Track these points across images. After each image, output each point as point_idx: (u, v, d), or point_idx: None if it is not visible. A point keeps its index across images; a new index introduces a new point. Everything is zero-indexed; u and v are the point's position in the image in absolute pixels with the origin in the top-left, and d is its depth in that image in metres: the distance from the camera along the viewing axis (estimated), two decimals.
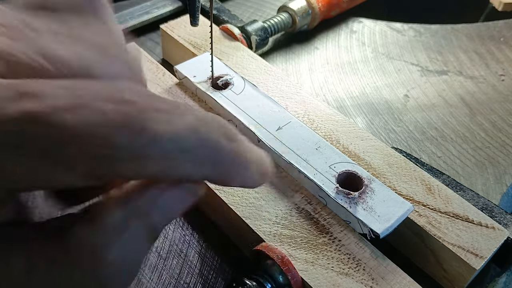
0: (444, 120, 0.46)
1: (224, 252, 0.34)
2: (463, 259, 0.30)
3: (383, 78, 0.50)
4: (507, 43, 0.55)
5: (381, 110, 0.47)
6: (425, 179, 0.34)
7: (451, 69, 0.52)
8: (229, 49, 0.44)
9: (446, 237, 0.31)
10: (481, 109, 0.47)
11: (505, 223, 0.33)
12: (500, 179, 0.41)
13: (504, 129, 0.45)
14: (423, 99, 0.48)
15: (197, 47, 0.44)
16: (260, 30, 0.48)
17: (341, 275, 0.29)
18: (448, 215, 0.32)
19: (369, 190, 0.32)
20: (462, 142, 0.44)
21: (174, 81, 0.41)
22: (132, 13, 0.52)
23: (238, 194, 0.33)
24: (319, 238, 0.31)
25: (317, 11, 0.52)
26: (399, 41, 0.55)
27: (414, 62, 0.52)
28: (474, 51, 0.54)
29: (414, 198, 0.33)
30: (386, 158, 0.36)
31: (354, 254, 0.30)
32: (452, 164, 0.42)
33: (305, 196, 0.33)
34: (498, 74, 0.51)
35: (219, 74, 0.40)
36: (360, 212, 0.31)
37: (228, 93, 0.38)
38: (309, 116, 0.38)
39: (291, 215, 0.32)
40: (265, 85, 0.41)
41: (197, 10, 0.35)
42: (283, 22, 0.51)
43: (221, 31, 0.46)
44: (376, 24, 0.57)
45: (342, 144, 0.36)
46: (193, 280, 0.33)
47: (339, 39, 0.55)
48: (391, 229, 0.30)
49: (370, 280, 0.29)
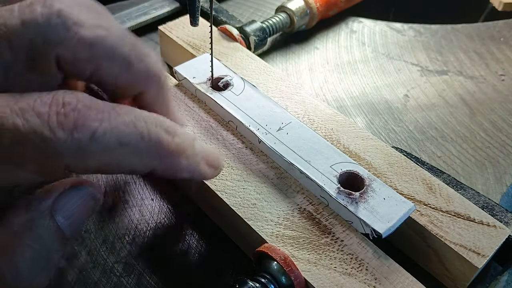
0: (444, 120, 0.46)
1: (226, 254, 0.34)
2: (465, 258, 0.30)
3: (383, 78, 0.50)
4: (507, 43, 0.55)
5: (381, 110, 0.47)
6: (426, 178, 0.34)
7: (451, 69, 0.52)
8: (228, 50, 0.44)
9: (448, 236, 0.31)
10: (481, 109, 0.47)
11: (506, 221, 0.33)
12: (500, 179, 0.41)
13: (504, 129, 0.45)
14: (423, 99, 0.48)
15: (196, 48, 0.44)
16: (259, 30, 0.48)
17: (344, 275, 0.29)
18: (450, 214, 0.32)
19: (370, 190, 0.32)
20: (462, 142, 0.44)
21: (173, 82, 0.41)
22: (130, 14, 0.52)
23: (240, 195, 0.33)
24: (321, 239, 0.30)
25: (315, 11, 0.52)
26: (399, 41, 0.55)
27: (414, 62, 0.52)
28: (474, 51, 0.54)
29: (416, 198, 0.33)
30: (386, 158, 0.35)
31: (357, 254, 0.30)
32: (452, 164, 0.42)
33: (306, 197, 0.33)
34: (498, 74, 0.51)
35: (218, 75, 0.40)
36: (362, 212, 0.31)
37: (228, 94, 0.38)
38: (309, 116, 0.38)
39: (293, 215, 0.32)
40: (264, 86, 0.41)
41: (197, 10, 0.35)
42: (281, 22, 0.51)
43: (219, 32, 0.46)
44: (376, 24, 0.57)
45: (342, 144, 0.36)
46: (194, 281, 0.32)
47: (339, 39, 0.55)
48: (393, 228, 0.30)
49: (373, 280, 0.29)
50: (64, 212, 0.25)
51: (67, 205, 0.25)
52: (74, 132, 0.22)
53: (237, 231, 0.33)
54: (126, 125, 0.24)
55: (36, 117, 0.22)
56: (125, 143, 0.24)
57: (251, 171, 0.34)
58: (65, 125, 0.22)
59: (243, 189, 0.33)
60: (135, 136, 0.24)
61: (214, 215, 0.35)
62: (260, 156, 0.35)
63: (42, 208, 0.24)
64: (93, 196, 0.26)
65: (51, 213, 0.24)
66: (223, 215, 0.33)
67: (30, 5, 0.24)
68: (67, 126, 0.22)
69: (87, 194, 0.26)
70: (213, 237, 0.35)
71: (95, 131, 0.23)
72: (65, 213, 0.25)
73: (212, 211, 0.35)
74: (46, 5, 0.24)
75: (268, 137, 0.35)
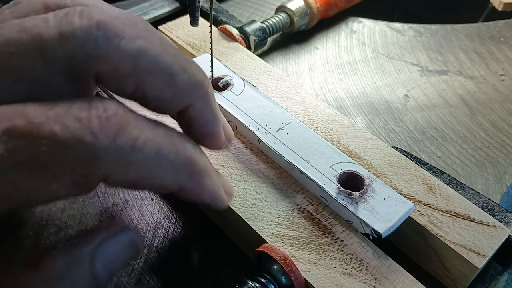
0: (444, 120, 0.46)
1: (226, 254, 0.34)
2: (465, 258, 0.30)
3: (383, 78, 0.50)
4: (507, 43, 0.55)
5: (381, 110, 0.47)
6: (426, 178, 0.34)
7: (451, 69, 0.52)
8: (227, 50, 0.44)
9: (448, 236, 0.31)
10: (481, 109, 0.47)
11: (506, 221, 0.33)
12: (500, 179, 0.41)
13: (504, 129, 0.45)
14: (423, 99, 0.48)
15: (196, 48, 0.44)
16: (259, 30, 0.48)
17: (344, 275, 0.29)
18: (450, 214, 0.32)
19: (370, 189, 0.32)
20: (462, 142, 0.44)
21: None
22: None
23: (240, 195, 0.33)
24: (321, 239, 0.30)
25: (315, 11, 0.52)
26: (399, 41, 0.55)
27: (414, 62, 0.52)
28: (474, 51, 0.54)
29: (415, 198, 0.33)
30: (386, 158, 0.35)
31: (357, 254, 0.30)
32: (452, 164, 0.42)
33: (306, 197, 0.33)
34: (498, 74, 0.51)
35: (219, 75, 0.40)
36: (362, 212, 0.31)
37: (227, 94, 0.38)
38: (309, 116, 0.38)
39: (293, 215, 0.32)
40: (264, 86, 0.41)
41: (197, 10, 0.35)
42: (281, 22, 0.51)
43: (219, 32, 0.46)
44: (376, 24, 0.57)
45: (342, 144, 0.36)
46: (194, 281, 0.32)
47: (339, 39, 0.55)
48: (393, 228, 0.30)
49: (373, 280, 0.29)
50: (105, 260, 0.23)
51: (108, 252, 0.24)
52: (117, 138, 0.21)
53: (237, 231, 0.33)
54: (164, 138, 0.23)
55: (76, 122, 0.20)
56: (163, 156, 0.23)
57: (251, 171, 0.34)
58: (107, 130, 0.21)
59: (243, 189, 0.33)
60: (172, 150, 0.23)
61: (214, 215, 0.35)
62: (260, 156, 0.35)
63: (82, 255, 0.23)
64: (135, 244, 0.25)
65: (91, 260, 0.23)
66: (223, 216, 0.33)
67: (67, 16, 0.22)
68: (109, 131, 0.21)
69: (130, 241, 0.25)
70: (213, 237, 0.35)
71: (137, 139, 0.21)
72: (105, 261, 0.23)
73: (212, 211, 0.35)
74: (85, 16, 0.22)
75: (268, 137, 0.35)
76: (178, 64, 0.24)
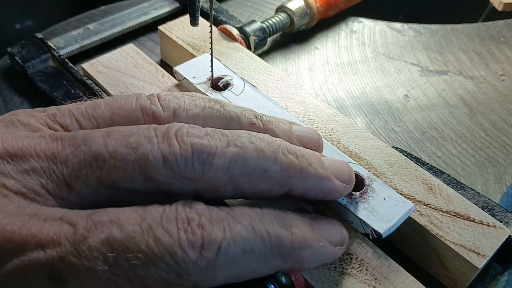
0: (444, 120, 0.46)
1: None
2: (465, 258, 0.30)
3: (383, 78, 0.50)
4: (507, 43, 0.55)
5: (381, 110, 0.47)
6: (426, 178, 0.34)
7: (451, 69, 0.52)
8: (227, 50, 0.44)
9: (448, 236, 0.31)
10: (481, 109, 0.47)
11: (506, 222, 0.33)
12: (500, 179, 0.41)
13: (504, 129, 0.45)
14: (423, 99, 0.48)
15: (196, 48, 0.44)
16: (259, 30, 0.48)
17: (344, 275, 0.29)
18: (450, 214, 0.32)
19: (370, 190, 0.32)
20: (462, 142, 0.44)
21: (173, 82, 0.41)
22: (130, 14, 0.52)
23: None
24: None
25: (315, 11, 0.52)
26: (399, 41, 0.55)
27: (414, 62, 0.52)
28: (474, 51, 0.54)
29: (416, 198, 0.33)
30: (386, 158, 0.35)
31: (357, 254, 0.30)
32: (452, 164, 0.42)
33: None
34: (498, 74, 0.51)
35: (219, 75, 0.40)
36: (362, 212, 0.31)
37: (227, 94, 0.38)
38: (309, 116, 0.38)
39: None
40: (264, 86, 0.41)
41: (197, 10, 0.35)
42: (281, 22, 0.51)
43: (219, 32, 0.46)
44: (376, 24, 0.57)
45: (342, 144, 0.36)
46: None
47: (339, 39, 0.55)
48: (393, 228, 0.30)
49: (373, 280, 0.28)
50: None
51: None
52: (202, 250, 0.22)
53: None
54: (246, 231, 0.23)
55: (167, 236, 0.21)
56: (249, 251, 0.23)
57: None
58: (194, 243, 0.21)
59: None
60: (257, 241, 0.23)
61: None
62: None
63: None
64: None
65: None
66: None
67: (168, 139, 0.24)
68: (196, 244, 0.21)
69: None
70: None
71: (221, 244, 0.22)
72: None
73: None
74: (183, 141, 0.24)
75: None
76: (268, 158, 0.25)
